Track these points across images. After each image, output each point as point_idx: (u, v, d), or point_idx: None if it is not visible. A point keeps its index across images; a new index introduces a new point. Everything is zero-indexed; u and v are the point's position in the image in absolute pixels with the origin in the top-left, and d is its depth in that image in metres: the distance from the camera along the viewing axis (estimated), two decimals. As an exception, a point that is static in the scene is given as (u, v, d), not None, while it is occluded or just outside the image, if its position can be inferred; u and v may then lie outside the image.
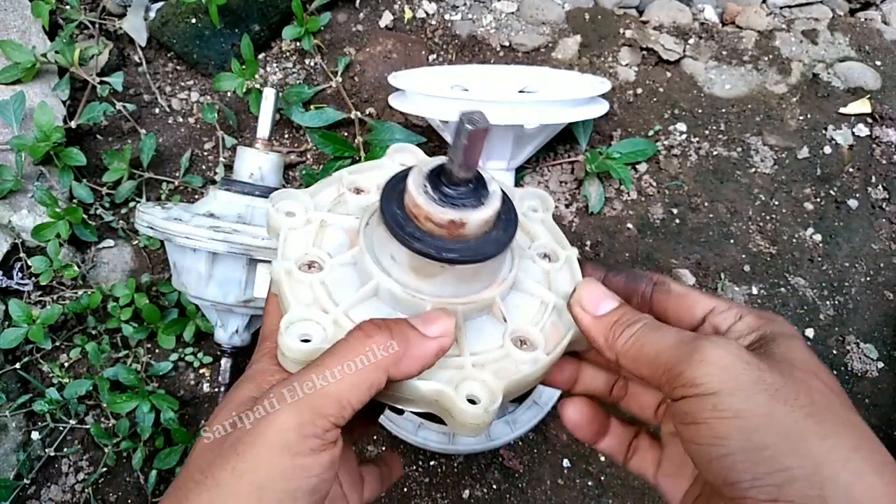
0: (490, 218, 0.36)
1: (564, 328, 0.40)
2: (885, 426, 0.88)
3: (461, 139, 0.33)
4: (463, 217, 0.35)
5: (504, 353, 0.38)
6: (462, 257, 0.35)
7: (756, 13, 1.12)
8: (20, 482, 0.80)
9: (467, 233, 0.35)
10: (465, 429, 0.35)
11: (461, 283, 0.38)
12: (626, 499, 0.83)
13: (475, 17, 1.07)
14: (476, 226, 0.35)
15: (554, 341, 0.39)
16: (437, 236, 0.35)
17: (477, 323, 0.39)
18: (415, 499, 0.83)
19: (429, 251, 0.35)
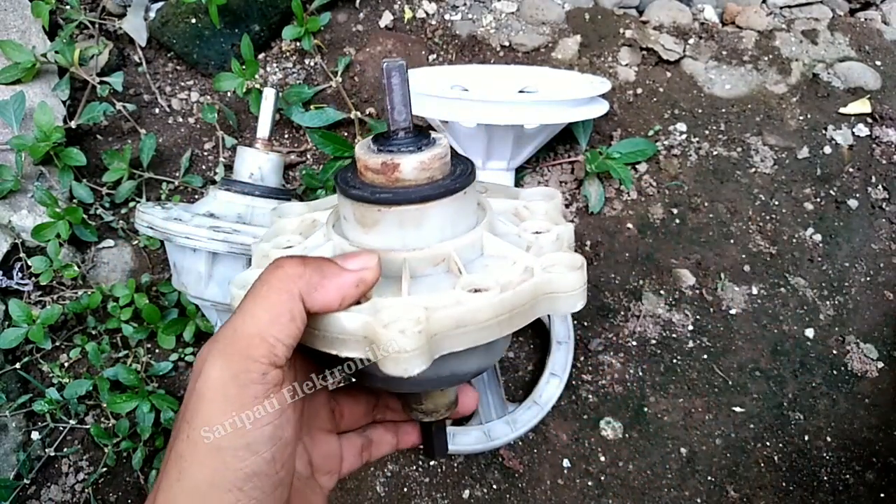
0: (427, 162, 0.35)
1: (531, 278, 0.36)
2: (885, 426, 0.88)
3: (383, 84, 0.35)
4: (395, 159, 0.35)
5: (453, 299, 0.34)
6: (396, 198, 0.35)
7: (756, 13, 1.12)
8: (20, 482, 0.80)
9: (404, 177, 0.35)
10: (389, 360, 0.32)
11: (406, 231, 0.36)
12: (626, 499, 0.83)
13: (475, 17, 1.07)
14: (412, 169, 0.35)
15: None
16: (378, 185, 0.36)
17: (432, 280, 0.37)
18: (415, 499, 0.83)
19: (363, 195, 0.35)
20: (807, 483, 0.85)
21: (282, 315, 0.31)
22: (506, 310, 0.34)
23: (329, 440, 0.41)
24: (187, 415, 0.31)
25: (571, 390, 0.87)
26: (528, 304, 0.35)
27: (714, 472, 0.85)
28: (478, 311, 0.33)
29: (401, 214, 0.35)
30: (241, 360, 0.30)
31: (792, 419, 0.88)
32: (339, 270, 0.33)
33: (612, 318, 0.91)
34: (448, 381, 0.39)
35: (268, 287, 0.32)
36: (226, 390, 0.30)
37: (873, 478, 0.86)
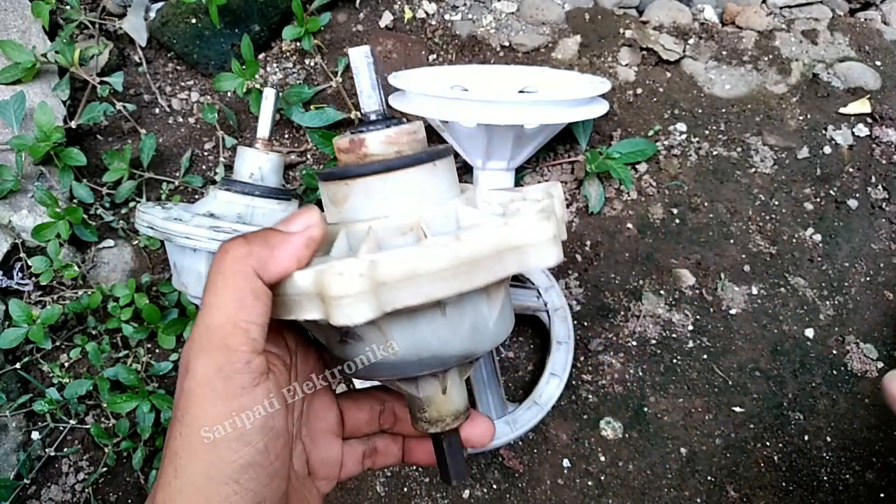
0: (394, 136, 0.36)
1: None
2: (885, 426, 0.88)
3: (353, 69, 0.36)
4: (360, 136, 0.36)
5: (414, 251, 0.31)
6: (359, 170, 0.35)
7: (756, 13, 1.12)
8: (20, 482, 0.80)
9: (371, 151, 0.36)
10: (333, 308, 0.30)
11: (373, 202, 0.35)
12: (626, 499, 0.84)
13: (475, 18, 1.07)
14: (378, 143, 0.36)
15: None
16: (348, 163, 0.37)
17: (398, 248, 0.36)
18: (415, 499, 0.83)
19: (331, 171, 0.36)
20: (807, 483, 0.85)
21: (245, 297, 0.31)
22: (462, 259, 0.31)
23: (331, 443, 0.41)
24: (178, 413, 0.31)
25: (571, 390, 0.87)
26: (491, 256, 0.32)
27: (714, 471, 0.85)
28: (429, 258, 0.30)
29: (366, 185, 0.35)
30: (221, 353, 0.30)
31: (792, 419, 0.88)
32: (285, 236, 0.33)
33: (612, 318, 0.91)
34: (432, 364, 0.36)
35: (222, 275, 0.32)
36: (212, 385, 0.30)
37: (873, 478, 0.86)
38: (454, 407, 0.40)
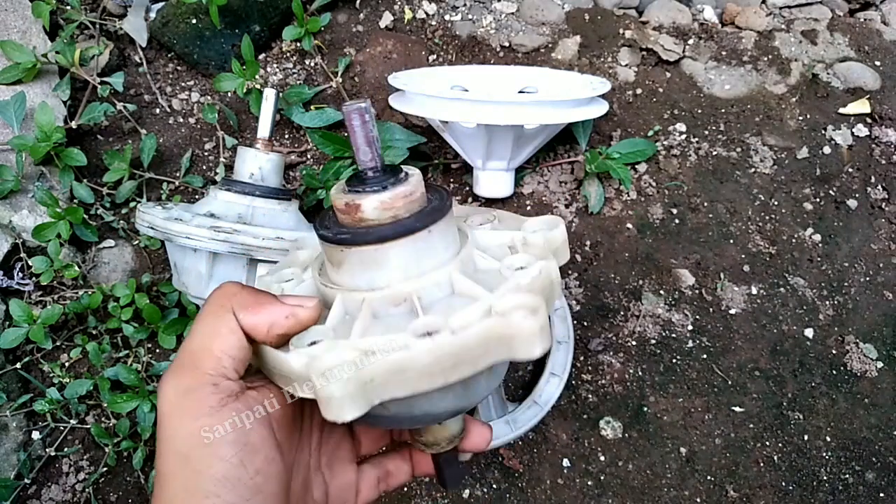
0: (389, 202, 0.35)
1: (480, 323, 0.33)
2: (885, 426, 0.88)
3: (347, 125, 0.36)
4: (356, 199, 0.35)
5: (400, 343, 0.31)
6: (353, 238, 0.35)
7: (755, 13, 1.12)
8: (21, 482, 0.80)
9: (366, 216, 0.35)
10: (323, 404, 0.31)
11: (368, 271, 0.35)
12: (626, 498, 0.84)
13: (475, 18, 1.07)
14: (373, 209, 0.35)
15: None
16: (346, 224, 0.36)
17: (391, 320, 0.35)
18: (415, 499, 0.83)
19: (326, 234, 0.36)
20: (806, 483, 0.85)
21: (220, 328, 0.34)
22: (448, 357, 0.31)
23: (348, 470, 0.43)
24: (157, 433, 0.33)
25: (571, 390, 0.88)
26: (478, 349, 0.32)
27: (714, 471, 0.85)
28: (417, 357, 0.31)
29: (361, 254, 0.35)
30: (189, 374, 0.33)
31: (791, 419, 0.88)
32: (273, 300, 0.35)
33: (612, 317, 0.91)
34: (424, 421, 0.38)
35: (207, 306, 0.35)
36: (180, 403, 0.32)
37: (873, 477, 0.86)
38: (449, 433, 0.42)
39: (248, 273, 0.74)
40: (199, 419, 0.32)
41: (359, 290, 0.36)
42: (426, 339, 0.31)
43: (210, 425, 0.32)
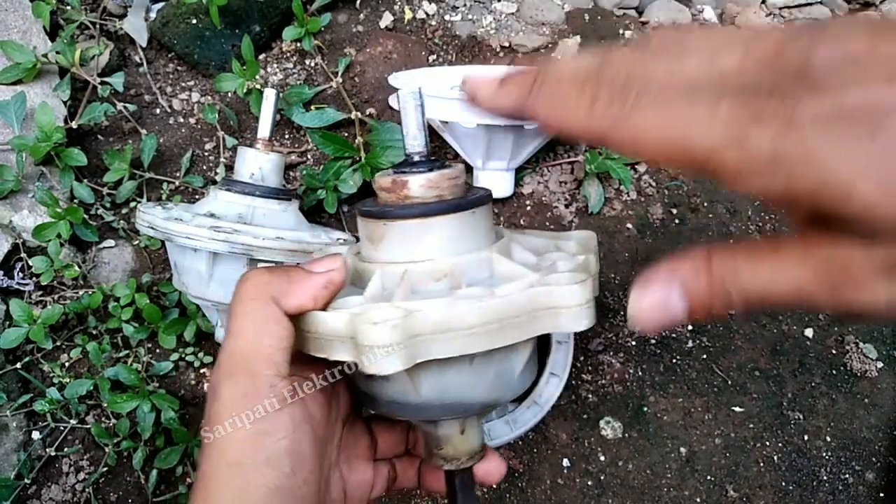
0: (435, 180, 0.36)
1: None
2: (885, 426, 0.88)
3: (401, 109, 0.37)
4: (402, 177, 0.36)
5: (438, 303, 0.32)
6: (399, 214, 0.36)
7: (755, 13, 1.12)
8: (21, 482, 0.80)
9: (412, 194, 0.36)
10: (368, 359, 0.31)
11: (409, 245, 0.36)
12: (626, 498, 0.84)
13: (475, 18, 1.07)
14: (419, 186, 0.36)
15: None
16: (388, 203, 0.37)
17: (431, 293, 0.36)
18: (415, 499, 0.83)
19: (370, 209, 0.37)
20: (806, 482, 0.85)
21: (265, 322, 0.32)
22: (495, 317, 0.31)
23: (365, 468, 0.42)
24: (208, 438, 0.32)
25: (571, 390, 0.88)
26: (523, 315, 0.32)
27: (713, 471, 0.85)
28: (463, 314, 0.31)
29: (403, 228, 0.36)
30: (245, 378, 0.31)
31: (791, 419, 0.88)
32: (306, 273, 0.34)
33: (612, 317, 0.91)
34: (455, 410, 0.37)
35: (241, 302, 0.33)
36: (237, 409, 0.31)
37: (873, 477, 0.86)
38: (470, 447, 0.40)
39: (249, 273, 0.74)
40: (257, 425, 0.31)
41: (398, 263, 0.36)
42: (475, 299, 0.31)
43: (267, 432, 0.31)
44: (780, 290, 0.26)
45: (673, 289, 0.27)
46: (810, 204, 0.24)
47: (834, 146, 0.22)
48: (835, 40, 0.24)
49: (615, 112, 0.27)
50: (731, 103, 0.24)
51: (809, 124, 0.23)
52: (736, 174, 0.24)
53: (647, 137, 0.26)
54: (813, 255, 0.25)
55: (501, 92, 0.31)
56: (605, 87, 0.27)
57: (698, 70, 0.26)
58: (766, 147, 0.23)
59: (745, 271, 0.26)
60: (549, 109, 0.29)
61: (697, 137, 0.25)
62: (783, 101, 0.23)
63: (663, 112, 0.25)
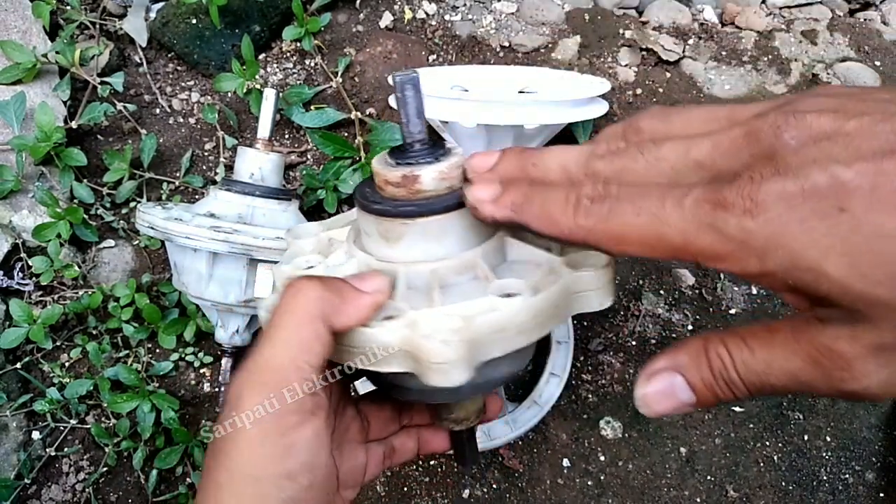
0: (446, 171, 0.35)
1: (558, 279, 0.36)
2: (885, 426, 0.88)
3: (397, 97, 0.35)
4: (415, 171, 0.35)
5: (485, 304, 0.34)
6: (420, 210, 0.35)
7: (755, 14, 1.12)
8: (21, 482, 0.80)
9: (425, 188, 0.35)
10: (433, 372, 0.32)
11: (430, 243, 0.36)
12: (626, 498, 0.84)
13: (475, 18, 1.07)
14: (432, 179, 0.35)
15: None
16: (399, 198, 0.36)
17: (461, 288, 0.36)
18: (415, 498, 0.83)
19: (385, 209, 0.35)
20: (806, 482, 0.85)
21: (309, 340, 0.32)
22: (542, 311, 0.34)
23: (357, 452, 0.42)
24: (226, 446, 0.31)
25: (571, 390, 0.88)
26: (562, 304, 0.35)
27: (713, 471, 0.85)
28: (515, 314, 0.33)
29: (425, 226, 0.35)
30: (276, 392, 0.31)
31: (791, 419, 0.88)
32: (357, 293, 0.34)
33: (612, 317, 0.91)
34: (482, 388, 0.39)
35: (290, 314, 0.32)
36: (264, 423, 0.30)
37: (873, 477, 0.86)
38: (478, 407, 0.43)
39: (249, 273, 0.74)
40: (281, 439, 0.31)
41: (420, 261, 0.36)
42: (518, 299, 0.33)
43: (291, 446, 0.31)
44: (777, 380, 0.26)
45: (676, 379, 0.29)
46: (787, 284, 0.25)
47: (800, 226, 0.23)
48: (801, 119, 0.24)
49: (595, 215, 0.28)
50: (699, 192, 0.25)
51: (773, 204, 0.23)
52: (714, 259, 0.25)
53: (623, 234, 0.27)
54: (803, 341, 0.26)
55: (499, 204, 0.32)
56: (587, 189, 0.29)
57: (675, 160, 0.28)
58: (733, 231, 0.24)
59: (741, 363, 0.27)
60: (540, 218, 0.30)
61: (670, 229, 0.26)
62: (747, 185, 0.24)
63: (637, 209, 0.27)
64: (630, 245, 0.27)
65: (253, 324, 0.81)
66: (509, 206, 0.32)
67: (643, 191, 0.27)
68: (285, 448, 0.31)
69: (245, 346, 0.82)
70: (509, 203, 0.32)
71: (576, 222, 0.29)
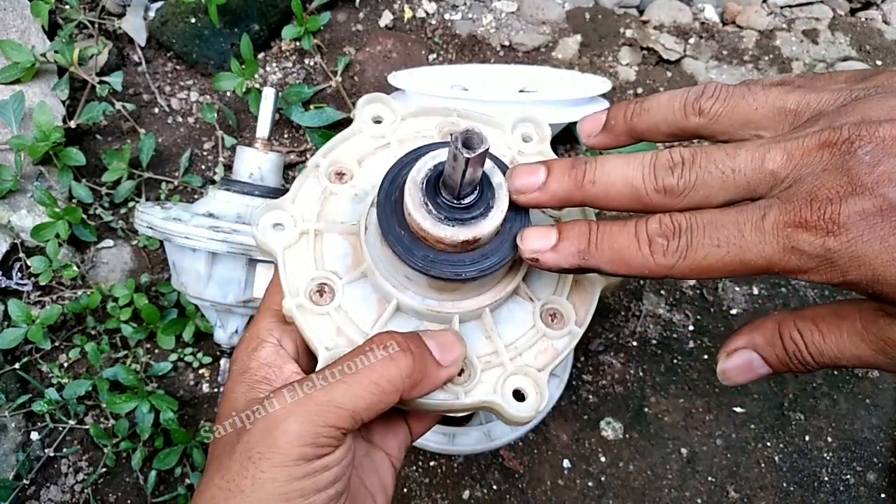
0: (502, 223, 0.34)
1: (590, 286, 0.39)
2: (886, 427, 0.87)
3: (459, 162, 0.30)
4: (476, 234, 0.33)
5: (537, 333, 0.38)
6: (484, 271, 0.34)
7: (756, 13, 1.11)
8: (20, 482, 0.80)
9: (483, 243, 0.34)
10: (517, 423, 0.36)
11: (484, 288, 0.37)
12: (627, 499, 0.83)
13: (475, 17, 1.07)
14: (491, 234, 0.34)
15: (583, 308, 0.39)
16: (450, 251, 0.34)
17: (505, 310, 0.38)
18: (415, 499, 0.82)
19: (449, 275, 0.34)
20: (807, 483, 0.85)
21: (378, 404, 0.33)
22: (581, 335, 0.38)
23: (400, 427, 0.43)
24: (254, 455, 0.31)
25: (572, 390, 0.87)
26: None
27: (715, 472, 0.85)
28: (566, 349, 0.37)
29: (482, 279, 0.36)
30: (324, 427, 0.31)
31: (793, 419, 0.88)
32: (438, 369, 0.35)
33: (613, 318, 0.91)
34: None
35: (377, 378, 0.32)
36: (303, 450, 0.31)
37: (874, 478, 0.85)
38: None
39: (247, 273, 0.74)
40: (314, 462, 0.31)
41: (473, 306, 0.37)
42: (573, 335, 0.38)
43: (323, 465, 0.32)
44: (846, 360, 0.30)
45: (753, 356, 0.32)
46: (866, 291, 0.27)
47: (880, 244, 0.25)
48: (874, 132, 0.26)
49: (673, 252, 0.29)
50: (777, 214, 0.27)
51: (854, 225, 0.25)
52: (796, 273, 0.27)
53: (708, 265, 0.29)
54: (871, 332, 0.28)
55: (561, 251, 0.32)
56: (657, 228, 0.30)
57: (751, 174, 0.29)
58: (818, 250, 0.26)
59: (813, 347, 0.30)
60: (612, 261, 0.31)
61: (753, 255, 0.28)
62: (826, 206, 0.26)
63: (716, 240, 0.28)
64: (716, 273, 0.29)
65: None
66: (575, 254, 0.32)
67: (716, 219, 0.28)
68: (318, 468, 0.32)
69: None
70: (574, 251, 0.32)
71: (655, 262, 0.30)
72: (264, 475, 0.31)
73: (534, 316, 0.38)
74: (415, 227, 0.33)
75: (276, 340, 0.38)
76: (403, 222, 0.34)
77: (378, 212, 0.35)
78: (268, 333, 0.38)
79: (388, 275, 0.37)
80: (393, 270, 0.36)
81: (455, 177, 0.31)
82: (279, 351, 0.37)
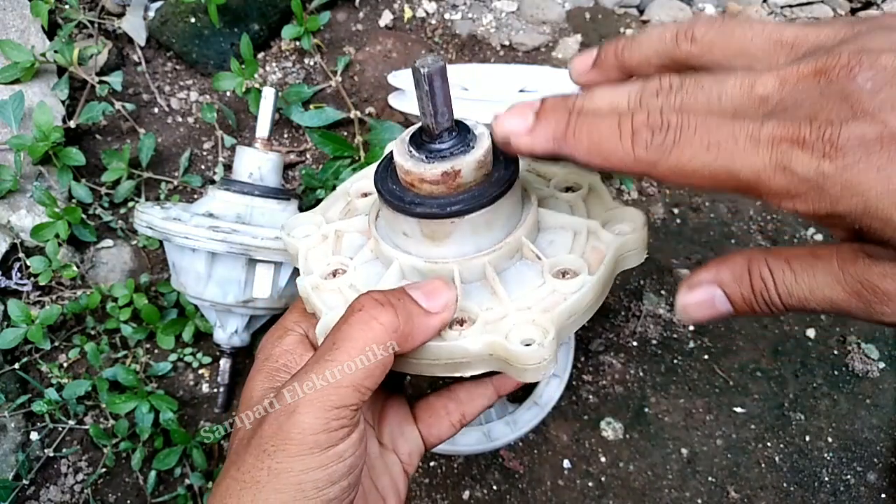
0: (483, 158, 0.34)
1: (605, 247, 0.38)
2: (887, 427, 0.87)
3: (423, 88, 0.32)
4: (454, 165, 0.33)
5: (548, 288, 0.36)
6: (468, 206, 0.34)
7: (757, 12, 1.11)
8: (19, 483, 0.80)
9: (465, 181, 0.34)
10: (530, 372, 0.33)
11: (480, 235, 0.36)
12: (627, 499, 0.83)
13: (475, 17, 1.07)
14: (471, 170, 0.34)
15: (597, 262, 0.37)
16: (438, 195, 0.34)
17: (513, 272, 0.37)
18: (415, 500, 0.82)
19: (433, 211, 0.34)
20: (808, 483, 0.85)
21: (377, 369, 0.33)
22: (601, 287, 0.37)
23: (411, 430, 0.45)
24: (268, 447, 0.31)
25: (572, 391, 0.87)
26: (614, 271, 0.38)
27: (715, 472, 0.85)
28: (583, 298, 0.36)
29: (473, 220, 0.35)
30: (333, 410, 0.32)
31: (793, 419, 0.87)
32: (426, 316, 0.34)
33: (613, 318, 0.91)
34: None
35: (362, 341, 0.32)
36: (316, 438, 0.31)
37: (874, 478, 0.85)
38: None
39: (247, 273, 0.73)
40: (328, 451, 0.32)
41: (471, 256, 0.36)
42: (579, 281, 0.36)
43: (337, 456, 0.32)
44: (816, 303, 0.28)
45: (716, 292, 0.30)
46: (853, 225, 0.25)
47: (877, 174, 0.23)
48: (875, 60, 0.24)
49: (657, 146, 0.27)
50: (774, 127, 0.25)
51: (852, 150, 0.23)
52: (782, 197, 0.25)
53: (692, 168, 0.27)
54: (848, 273, 0.26)
55: (536, 134, 0.30)
56: (644, 120, 0.28)
57: (739, 94, 0.27)
58: (811, 173, 0.24)
59: (783, 287, 0.28)
60: (589, 149, 0.29)
61: (743, 165, 0.26)
62: (826, 126, 0.24)
63: (706, 142, 0.26)
64: (697, 180, 0.27)
65: (252, 324, 0.81)
66: (550, 136, 0.30)
67: (709, 122, 0.26)
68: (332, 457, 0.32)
69: (244, 346, 0.81)
70: (550, 134, 0.30)
71: (634, 154, 0.27)
72: (280, 465, 0.31)
73: (543, 274, 0.37)
74: (401, 174, 0.35)
75: (301, 331, 0.39)
76: (395, 177, 0.36)
77: (375, 174, 0.37)
78: (294, 324, 0.39)
79: (388, 237, 0.38)
80: (391, 231, 0.37)
81: (425, 106, 0.32)
82: (303, 340, 0.39)
